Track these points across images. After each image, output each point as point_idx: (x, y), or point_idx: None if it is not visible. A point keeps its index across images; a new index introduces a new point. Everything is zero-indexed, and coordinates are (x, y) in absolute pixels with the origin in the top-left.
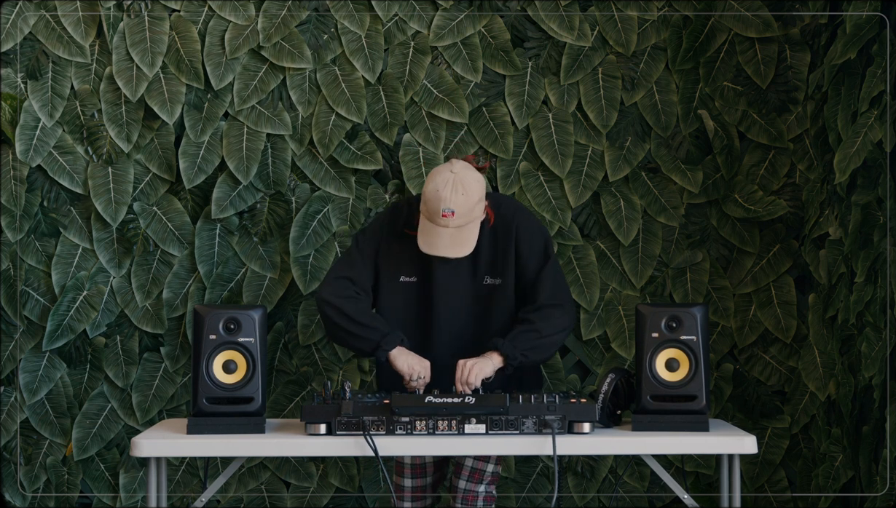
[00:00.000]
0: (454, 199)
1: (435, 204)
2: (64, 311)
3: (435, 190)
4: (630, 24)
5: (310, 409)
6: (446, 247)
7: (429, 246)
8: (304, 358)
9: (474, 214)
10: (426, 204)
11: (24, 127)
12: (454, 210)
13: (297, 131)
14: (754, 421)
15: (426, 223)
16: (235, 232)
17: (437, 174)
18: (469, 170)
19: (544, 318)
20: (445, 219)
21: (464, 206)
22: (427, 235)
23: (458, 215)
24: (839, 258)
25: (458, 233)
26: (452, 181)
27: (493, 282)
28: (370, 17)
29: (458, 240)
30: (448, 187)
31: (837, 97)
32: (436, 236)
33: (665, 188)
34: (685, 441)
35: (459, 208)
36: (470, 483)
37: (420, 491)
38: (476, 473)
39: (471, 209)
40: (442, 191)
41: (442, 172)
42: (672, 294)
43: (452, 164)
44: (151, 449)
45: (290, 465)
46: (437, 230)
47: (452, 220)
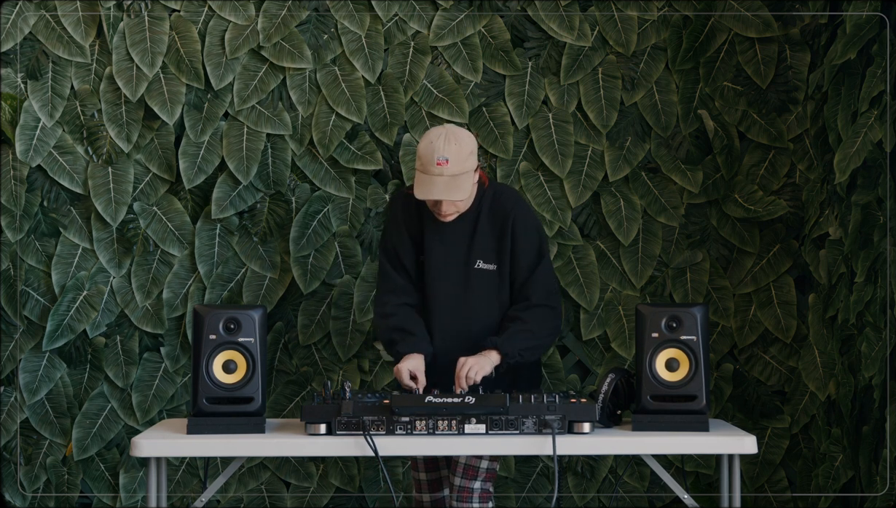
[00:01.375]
0: (447, 148)
1: (429, 154)
2: (64, 311)
3: (429, 142)
4: (630, 24)
5: (310, 409)
6: (441, 192)
7: (424, 192)
8: (304, 358)
9: (467, 165)
10: (421, 158)
11: (24, 127)
12: (448, 158)
13: (297, 131)
14: (754, 420)
15: (421, 175)
16: (235, 232)
17: (431, 130)
18: (461, 128)
19: (538, 319)
20: (440, 166)
21: (457, 155)
22: (422, 184)
23: (451, 163)
24: (839, 258)
25: (452, 180)
26: (445, 134)
27: (487, 268)
28: (370, 17)
29: (452, 185)
30: (441, 138)
31: (837, 97)
32: (430, 183)
33: (665, 188)
34: (685, 441)
35: (453, 156)
36: (465, 480)
37: (436, 484)
38: (470, 469)
39: (464, 159)
40: (435, 141)
41: (435, 129)
42: (672, 294)
43: (446, 125)
44: (151, 449)
45: (290, 465)
46: (431, 178)
47: (446, 168)
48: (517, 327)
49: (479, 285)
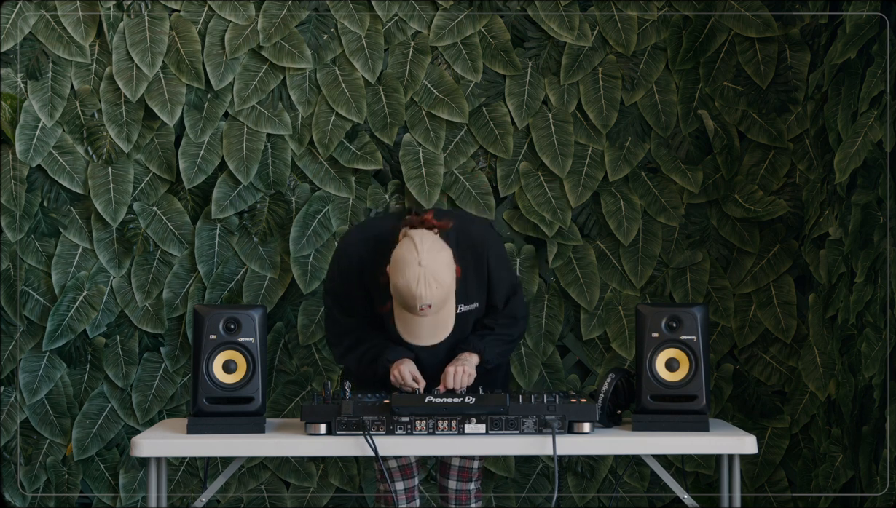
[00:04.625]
0: (429, 294)
1: (410, 301)
2: (64, 311)
3: (408, 288)
4: (630, 24)
5: (310, 409)
6: (428, 337)
7: (410, 335)
8: (304, 358)
9: (449, 295)
10: (400, 297)
11: (24, 127)
12: (431, 303)
13: (297, 131)
14: (754, 420)
15: (403, 312)
16: (235, 232)
17: (406, 267)
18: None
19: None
20: (423, 312)
21: (438, 297)
22: (406, 324)
23: (434, 306)
24: (839, 258)
25: (435, 319)
26: (423, 276)
27: (468, 309)
28: (370, 17)
29: (437, 324)
30: (421, 284)
31: (837, 97)
32: (416, 326)
33: (665, 188)
34: (685, 442)
35: (435, 300)
36: (461, 483)
37: (412, 492)
38: (465, 472)
39: (445, 294)
40: (415, 289)
41: (410, 265)
42: (672, 294)
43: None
44: (151, 449)
45: (290, 465)
46: (415, 320)
47: (430, 311)
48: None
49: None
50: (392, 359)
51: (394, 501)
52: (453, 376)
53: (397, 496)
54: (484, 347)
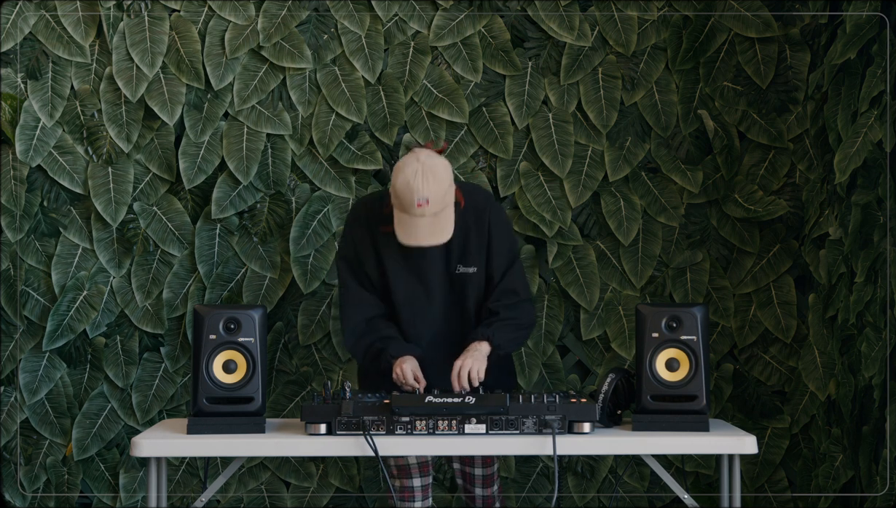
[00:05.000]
0: (426, 187)
1: (408, 195)
2: (64, 311)
3: (406, 182)
4: (630, 24)
5: (310, 409)
6: (425, 236)
7: (408, 236)
8: (304, 358)
9: (447, 199)
10: (399, 197)
11: (24, 127)
12: (428, 197)
13: (297, 131)
14: (754, 420)
15: (401, 215)
16: (235, 232)
17: (405, 165)
18: (434, 157)
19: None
20: (421, 208)
21: (437, 193)
22: (405, 226)
23: (432, 202)
24: (839, 258)
25: (435, 221)
26: (421, 170)
27: (466, 271)
28: (370, 17)
29: (436, 226)
30: (418, 177)
31: (837, 97)
32: (413, 226)
33: (665, 188)
34: (685, 442)
35: (433, 195)
36: (486, 489)
37: (426, 490)
38: (488, 479)
39: (443, 194)
40: (413, 181)
41: (409, 163)
42: (672, 294)
43: (417, 154)
44: (151, 449)
45: (290, 465)
46: (413, 220)
47: (428, 208)
48: (504, 318)
49: (462, 289)
50: (395, 355)
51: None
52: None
53: (414, 492)
54: (493, 333)
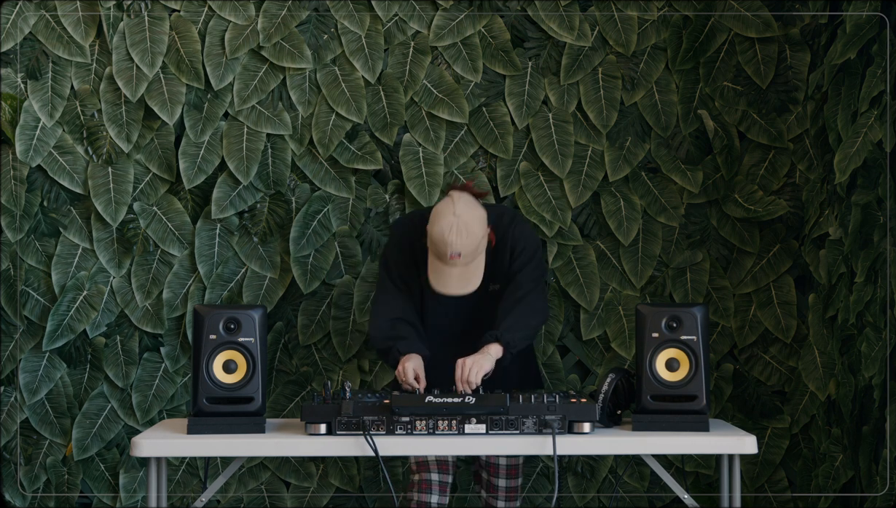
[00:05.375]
0: (459, 242)
1: (442, 247)
2: (64, 311)
3: (441, 234)
4: (630, 24)
5: (310, 409)
6: (455, 287)
7: (440, 284)
8: (304, 358)
9: (479, 250)
10: (434, 245)
11: (24, 127)
12: (461, 252)
13: (297, 131)
14: (754, 420)
15: (435, 262)
16: (235, 232)
17: (441, 217)
18: (470, 209)
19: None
20: (453, 260)
21: (469, 247)
22: (437, 274)
23: (464, 256)
24: (839, 258)
25: (465, 271)
26: (457, 226)
27: (495, 288)
28: (370, 17)
29: (466, 276)
30: (453, 232)
31: (837, 97)
32: (446, 276)
33: (665, 188)
34: (685, 442)
35: (465, 250)
36: (510, 481)
37: (445, 487)
38: (513, 469)
39: (475, 248)
40: (447, 236)
41: (445, 215)
42: (672, 294)
43: (454, 203)
44: (151, 449)
45: (290, 465)
46: (446, 270)
47: (459, 261)
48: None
49: (491, 305)
50: (403, 352)
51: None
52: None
53: (432, 486)
54: (500, 334)
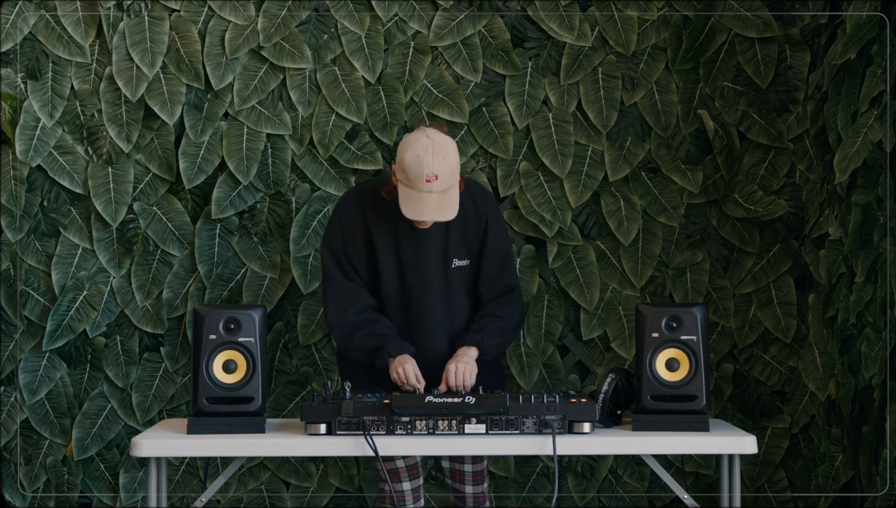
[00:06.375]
0: (436, 164)
1: (417, 169)
2: (64, 311)
3: (416, 156)
4: (630, 24)
5: (310, 409)
6: (433, 212)
7: (414, 211)
8: (304, 358)
9: (455, 177)
10: (407, 171)
11: (24, 127)
12: (437, 174)
13: (297, 131)
14: (754, 420)
15: (408, 190)
16: (235, 232)
17: (414, 141)
18: (442, 135)
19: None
20: (429, 183)
21: (446, 170)
22: (411, 202)
23: (441, 179)
24: (839, 258)
25: (442, 197)
26: (432, 147)
27: (461, 264)
28: (370, 17)
29: (444, 203)
30: (428, 152)
31: (837, 97)
32: (421, 202)
33: (665, 188)
34: (685, 442)
35: (442, 172)
36: (476, 487)
37: (418, 492)
38: (478, 475)
39: (452, 172)
40: (423, 156)
41: (419, 138)
42: (672, 294)
43: (425, 130)
44: (151, 449)
45: (290, 465)
46: (421, 196)
47: (436, 184)
48: (493, 323)
49: (457, 282)
50: (393, 354)
51: (402, 501)
52: (454, 374)
53: (405, 496)
54: (482, 339)
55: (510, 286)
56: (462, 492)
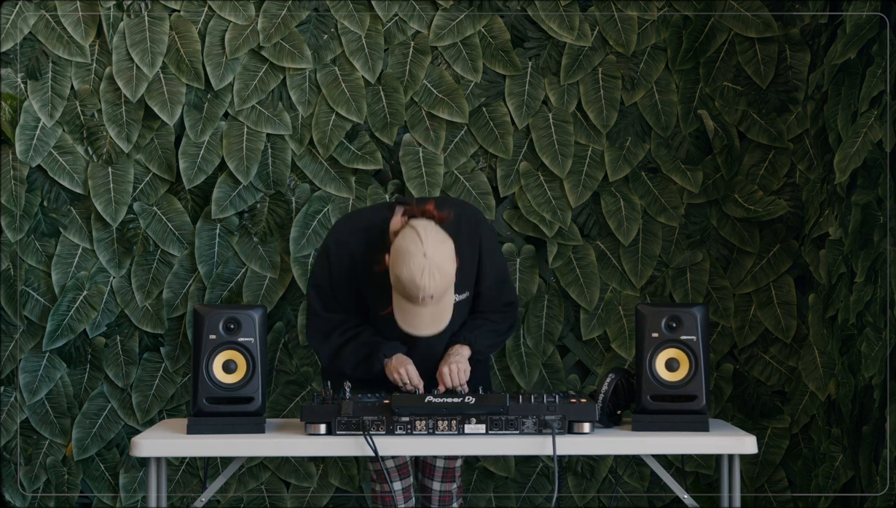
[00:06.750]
0: (433, 285)
1: (413, 291)
2: (64, 311)
3: (411, 278)
4: (630, 24)
5: (310, 409)
6: (427, 326)
7: (410, 325)
8: (304, 358)
9: (449, 284)
10: (403, 288)
11: (24, 127)
12: (433, 294)
13: (297, 131)
14: (754, 420)
15: (404, 303)
16: (235, 232)
17: (410, 258)
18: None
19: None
20: (425, 301)
21: (440, 287)
22: (407, 315)
23: (436, 296)
24: (839, 258)
25: (436, 309)
26: (428, 269)
27: (460, 299)
28: (370, 17)
29: (437, 314)
30: (425, 276)
31: (837, 97)
32: (416, 316)
33: (665, 188)
34: (685, 442)
35: (438, 290)
36: (444, 484)
37: (408, 492)
38: (448, 472)
39: (447, 285)
40: (419, 281)
41: (415, 256)
42: (672, 294)
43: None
44: (151, 449)
45: (290, 465)
46: (416, 310)
47: (431, 301)
48: (485, 324)
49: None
50: (388, 354)
51: (392, 501)
52: (449, 376)
53: (395, 496)
54: (475, 339)
55: (509, 302)
56: (429, 488)
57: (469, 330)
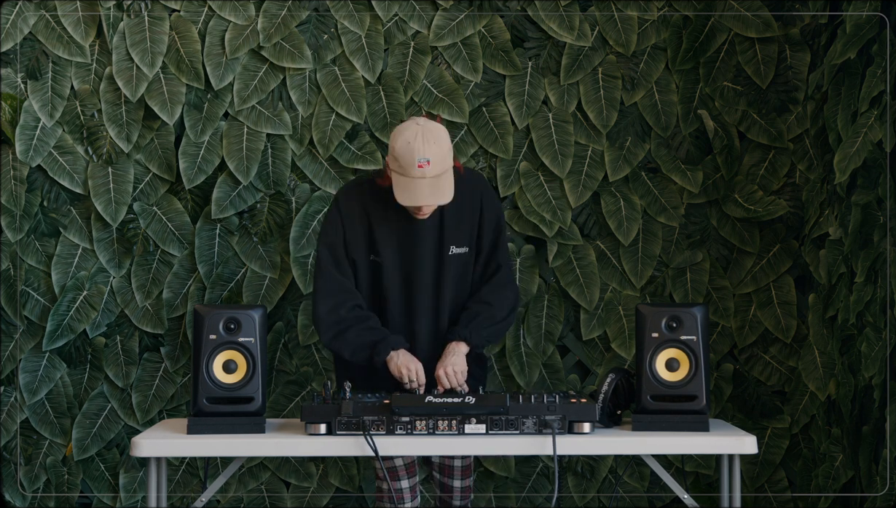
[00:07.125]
0: (427, 149)
1: (409, 156)
2: (64, 311)
3: (406, 143)
4: (630, 24)
5: (310, 409)
6: (426, 196)
7: (408, 198)
8: (304, 358)
9: (447, 162)
10: (399, 159)
11: (24, 127)
12: (429, 159)
13: (297, 131)
14: (754, 420)
15: (401, 178)
16: (235, 232)
17: (405, 129)
18: (433, 122)
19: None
20: (421, 169)
21: (437, 155)
22: (404, 188)
23: (433, 164)
24: (839, 258)
25: (435, 182)
26: (422, 133)
27: (459, 252)
28: (370, 17)
29: (437, 187)
30: (419, 138)
31: (837, 97)
32: (414, 187)
33: (665, 188)
34: (685, 442)
35: (434, 156)
36: (464, 481)
37: (415, 490)
38: (466, 469)
39: (444, 157)
40: (413, 142)
41: (408, 127)
42: (672, 294)
43: (415, 119)
44: (151, 449)
45: (290, 465)
46: (414, 182)
47: (428, 169)
48: (482, 312)
49: (454, 270)
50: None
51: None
52: (446, 378)
53: (403, 494)
54: (470, 334)
55: (498, 265)
56: (451, 486)
57: (464, 325)
